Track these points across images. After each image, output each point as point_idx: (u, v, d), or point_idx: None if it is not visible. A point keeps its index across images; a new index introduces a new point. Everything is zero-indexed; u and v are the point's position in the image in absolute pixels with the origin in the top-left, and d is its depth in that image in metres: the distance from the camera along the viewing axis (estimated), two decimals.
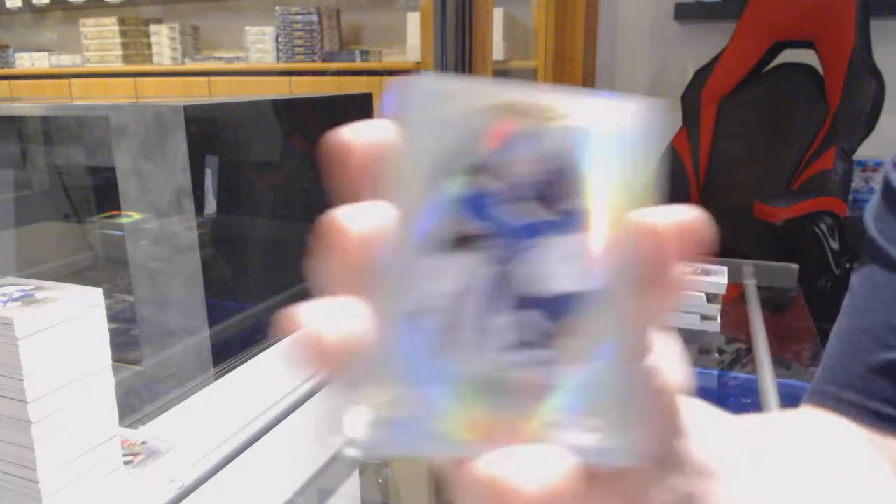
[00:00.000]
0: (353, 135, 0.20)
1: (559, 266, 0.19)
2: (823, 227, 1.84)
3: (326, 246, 0.19)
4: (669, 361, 0.23)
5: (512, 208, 0.19)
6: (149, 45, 3.62)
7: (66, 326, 0.51)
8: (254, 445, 0.72)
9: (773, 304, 1.24)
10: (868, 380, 0.41)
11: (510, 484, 0.18)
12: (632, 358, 0.21)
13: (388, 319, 0.19)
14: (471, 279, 0.19)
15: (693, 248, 0.20)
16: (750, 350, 1.02)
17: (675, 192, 2.26)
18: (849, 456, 0.39)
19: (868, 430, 0.40)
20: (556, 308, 0.19)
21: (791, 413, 0.45)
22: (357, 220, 0.19)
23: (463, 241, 0.19)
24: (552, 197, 0.20)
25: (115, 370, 0.56)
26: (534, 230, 0.19)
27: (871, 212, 0.46)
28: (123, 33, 3.59)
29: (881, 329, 0.42)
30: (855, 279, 0.45)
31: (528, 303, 0.19)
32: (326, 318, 0.19)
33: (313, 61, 3.22)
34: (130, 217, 0.97)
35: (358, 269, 0.19)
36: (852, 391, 0.42)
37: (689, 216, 0.20)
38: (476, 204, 0.19)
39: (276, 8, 3.26)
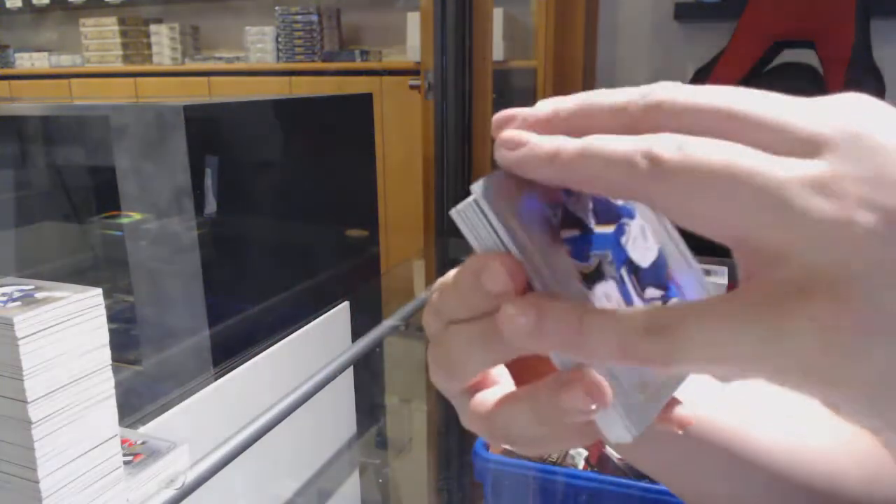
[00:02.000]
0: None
1: (640, 249, 0.27)
2: None
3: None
4: None
5: (590, 237, 0.26)
6: (149, 45, 3.62)
7: (66, 326, 0.51)
8: (254, 446, 0.72)
9: None
10: None
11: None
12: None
13: None
14: (611, 293, 0.25)
15: None
16: None
17: None
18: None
19: None
20: (655, 272, 0.27)
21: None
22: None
23: (589, 276, 0.25)
24: (609, 211, 0.26)
25: (115, 370, 0.56)
26: (613, 240, 0.26)
27: None
28: (123, 33, 3.59)
29: None
30: None
31: (644, 281, 0.26)
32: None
33: (313, 61, 3.22)
34: (130, 217, 0.97)
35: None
36: None
37: None
38: (578, 249, 0.25)
39: (276, 8, 3.26)
